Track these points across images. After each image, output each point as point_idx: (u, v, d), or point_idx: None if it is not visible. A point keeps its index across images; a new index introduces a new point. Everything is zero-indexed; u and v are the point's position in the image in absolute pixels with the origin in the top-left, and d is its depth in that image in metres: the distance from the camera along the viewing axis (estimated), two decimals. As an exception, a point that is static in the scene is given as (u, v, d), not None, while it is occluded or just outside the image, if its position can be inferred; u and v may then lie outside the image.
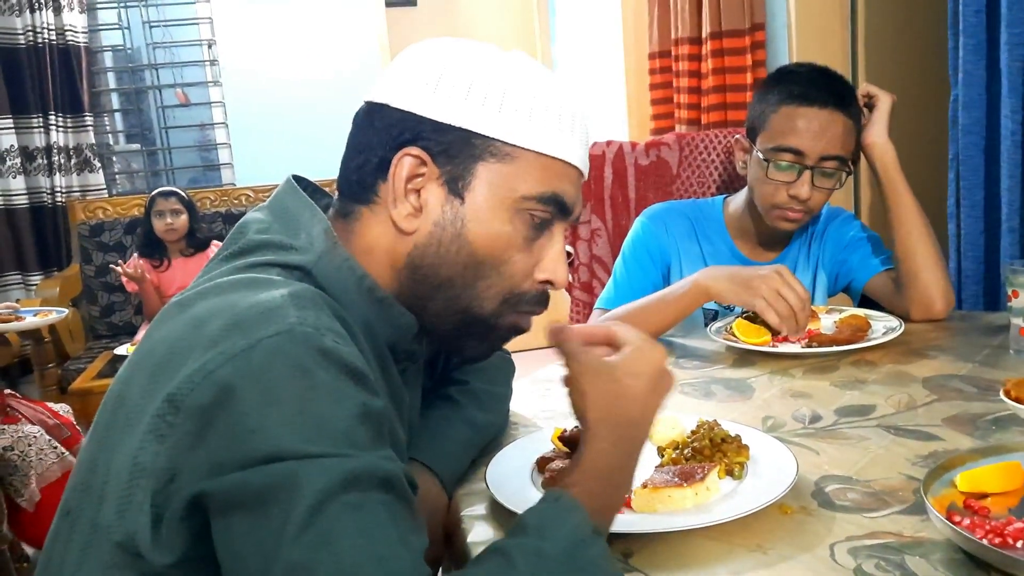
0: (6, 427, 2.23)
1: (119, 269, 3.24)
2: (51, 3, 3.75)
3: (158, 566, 0.65)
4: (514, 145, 0.79)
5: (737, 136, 1.62)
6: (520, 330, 0.86)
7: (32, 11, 3.72)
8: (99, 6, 4.04)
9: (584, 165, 0.84)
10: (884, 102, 1.51)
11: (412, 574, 0.60)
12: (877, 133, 1.51)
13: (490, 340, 0.86)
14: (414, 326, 0.83)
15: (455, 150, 0.78)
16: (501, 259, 0.81)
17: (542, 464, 0.93)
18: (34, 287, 3.73)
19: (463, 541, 0.85)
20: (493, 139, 0.78)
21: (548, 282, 0.84)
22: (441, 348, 0.94)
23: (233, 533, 0.61)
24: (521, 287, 0.83)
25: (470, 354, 0.89)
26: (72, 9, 3.80)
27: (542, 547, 0.64)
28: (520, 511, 0.82)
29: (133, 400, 0.68)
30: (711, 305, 1.57)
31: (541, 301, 0.85)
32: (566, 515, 0.66)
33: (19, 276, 3.81)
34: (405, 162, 0.79)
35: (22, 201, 3.79)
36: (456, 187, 0.79)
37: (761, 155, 1.50)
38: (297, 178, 0.85)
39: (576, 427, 0.95)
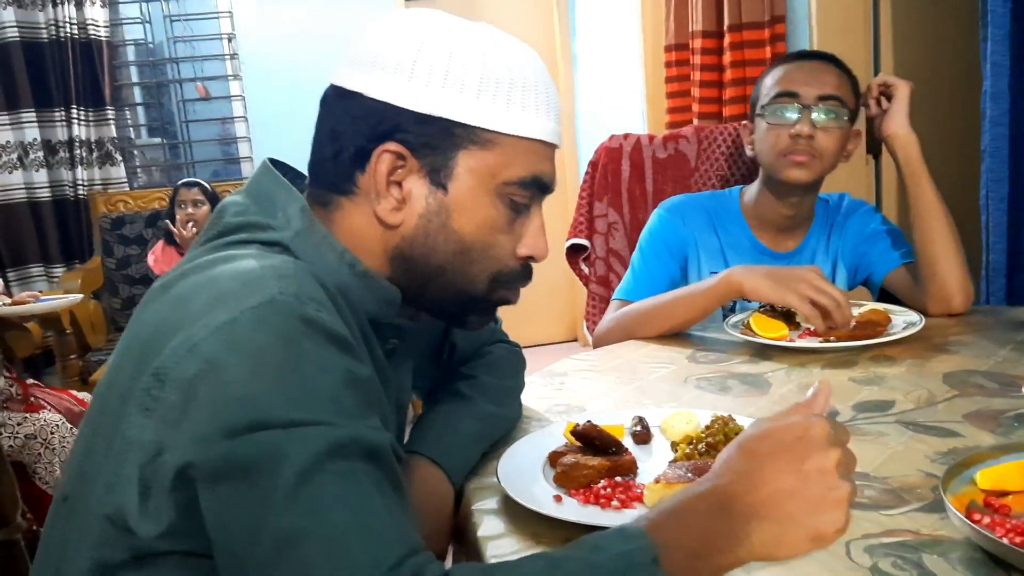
0: (28, 415, 2.26)
1: (175, 228, 3.27)
2: (73, -2, 3.77)
3: (146, 538, 0.65)
4: (494, 131, 0.78)
5: (744, 122, 1.62)
6: (510, 303, 0.88)
7: (54, 5, 3.74)
8: (121, 0, 4.06)
9: (559, 138, 0.84)
10: (902, 90, 1.49)
11: (399, 543, 0.60)
12: (898, 123, 1.49)
13: (487, 313, 0.89)
14: (397, 298, 0.83)
15: (436, 141, 0.78)
16: (488, 243, 0.82)
17: (554, 459, 0.92)
18: (56, 279, 3.76)
19: (474, 535, 0.84)
20: (473, 127, 0.78)
21: (530, 257, 0.85)
22: (441, 320, 0.95)
23: (221, 503, 0.61)
24: (508, 266, 0.84)
25: (472, 327, 0.91)
26: (94, 3, 3.83)
27: (592, 559, 0.61)
28: (531, 505, 0.82)
29: (123, 383, 0.69)
30: None
31: (526, 275, 0.87)
32: (627, 539, 0.62)
33: (42, 268, 3.85)
34: (385, 158, 0.78)
35: (45, 194, 3.82)
36: (438, 177, 0.79)
37: (762, 111, 1.53)
38: (274, 161, 0.85)
39: (590, 421, 0.94)
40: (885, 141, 1.51)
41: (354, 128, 0.79)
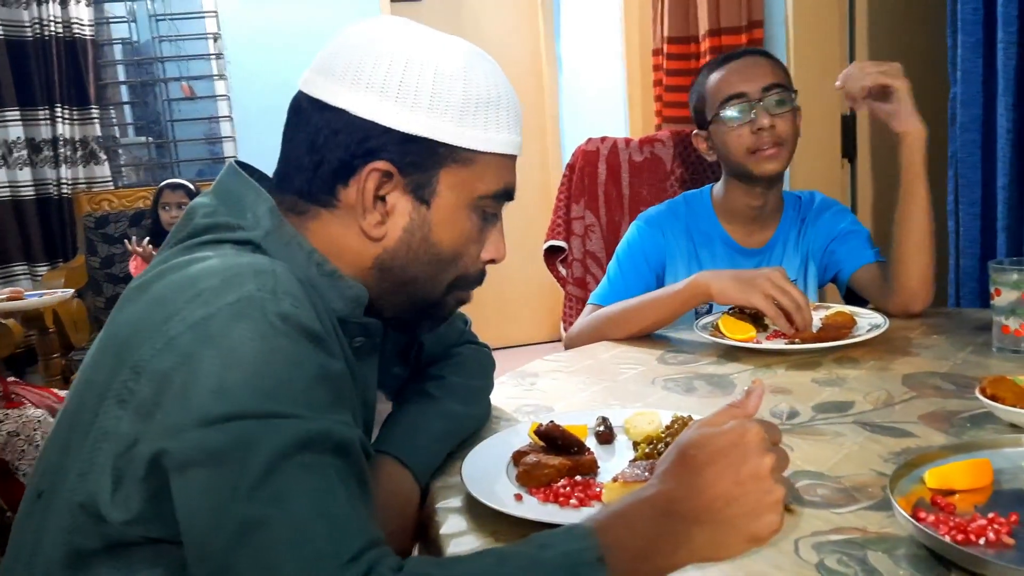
0: (10, 412, 2.27)
1: (131, 246, 3.25)
2: (58, -4, 3.77)
3: (116, 524, 0.68)
4: (474, 150, 0.82)
5: (694, 132, 1.65)
6: (463, 303, 0.92)
7: (39, 4, 3.75)
8: (106, -1, 4.06)
9: (521, 149, 0.88)
10: (903, 88, 1.44)
11: (359, 535, 0.62)
12: (911, 122, 1.44)
13: (439, 317, 0.92)
14: (364, 296, 0.85)
15: (420, 160, 0.81)
16: (461, 253, 0.86)
17: (517, 458, 0.94)
18: (40, 278, 3.76)
19: (436, 532, 0.86)
20: (456, 147, 0.81)
21: (492, 260, 0.89)
22: (392, 329, 0.98)
23: (190, 490, 0.63)
24: (470, 271, 0.88)
25: (422, 332, 0.95)
26: (79, 2, 3.83)
27: (539, 556, 0.63)
28: (491, 504, 0.84)
29: (101, 380, 0.70)
30: None
31: (482, 278, 0.91)
32: (575, 539, 0.64)
33: (25, 267, 3.85)
34: (374, 176, 0.80)
35: (28, 193, 3.82)
36: (421, 194, 0.82)
37: (714, 119, 1.57)
38: (240, 163, 0.87)
39: (553, 421, 0.97)
40: (898, 140, 1.48)
41: (337, 143, 0.80)
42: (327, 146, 0.81)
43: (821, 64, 1.57)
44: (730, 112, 1.54)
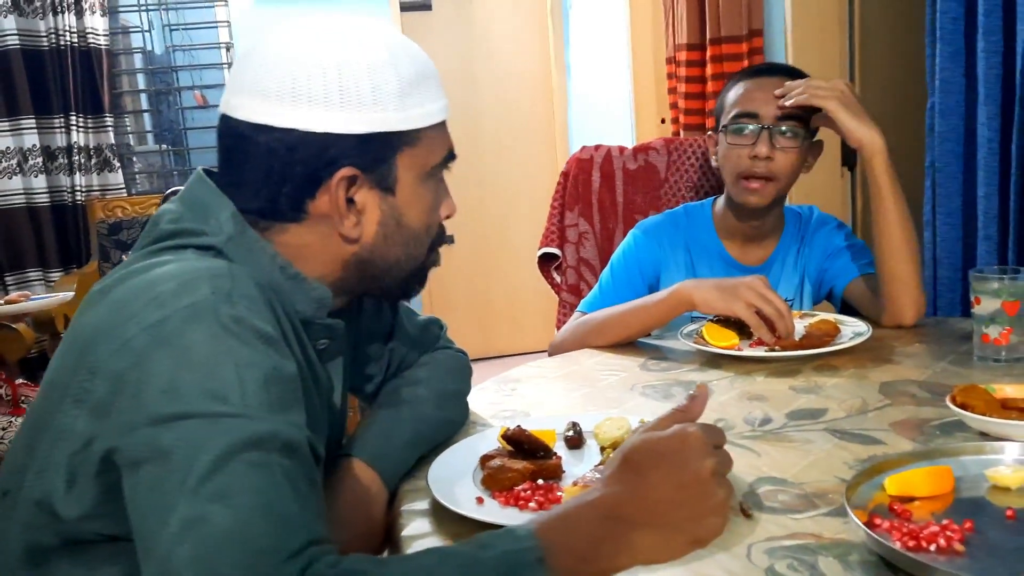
0: (14, 419, 2.30)
1: None
2: (73, 6, 3.83)
3: (69, 520, 0.70)
4: (419, 128, 0.86)
5: (709, 132, 1.64)
6: (438, 263, 0.97)
7: (55, 14, 3.80)
8: (121, 9, 4.12)
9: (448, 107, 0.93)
10: (828, 105, 1.43)
11: (303, 532, 0.63)
12: (859, 134, 1.43)
13: (424, 280, 0.97)
14: (328, 298, 0.88)
15: (379, 154, 0.84)
16: (430, 223, 0.91)
17: (484, 461, 0.95)
18: (53, 284, 3.81)
19: (399, 535, 0.88)
20: (405, 131, 0.84)
21: (448, 216, 0.94)
22: (388, 301, 1.07)
23: (139, 487, 0.65)
24: (438, 232, 0.94)
25: (413, 295, 1.00)
26: (94, 12, 3.88)
27: (480, 555, 0.64)
28: (452, 506, 0.86)
29: (61, 381, 0.73)
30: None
31: (444, 234, 0.96)
32: (516, 539, 0.65)
33: (40, 273, 3.90)
34: (342, 184, 0.83)
35: (43, 200, 3.87)
36: (386, 184, 0.85)
37: (723, 129, 1.55)
38: (207, 171, 0.89)
39: (519, 426, 0.98)
40: (858, 153, 1.48)
41: (296, 160, 0.82)
42: (286, 166, 0.82)
43: (820, 73, 1.56)
44: (736, 128, 1.52)
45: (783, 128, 1.50)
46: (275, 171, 0.83)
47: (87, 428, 0.69)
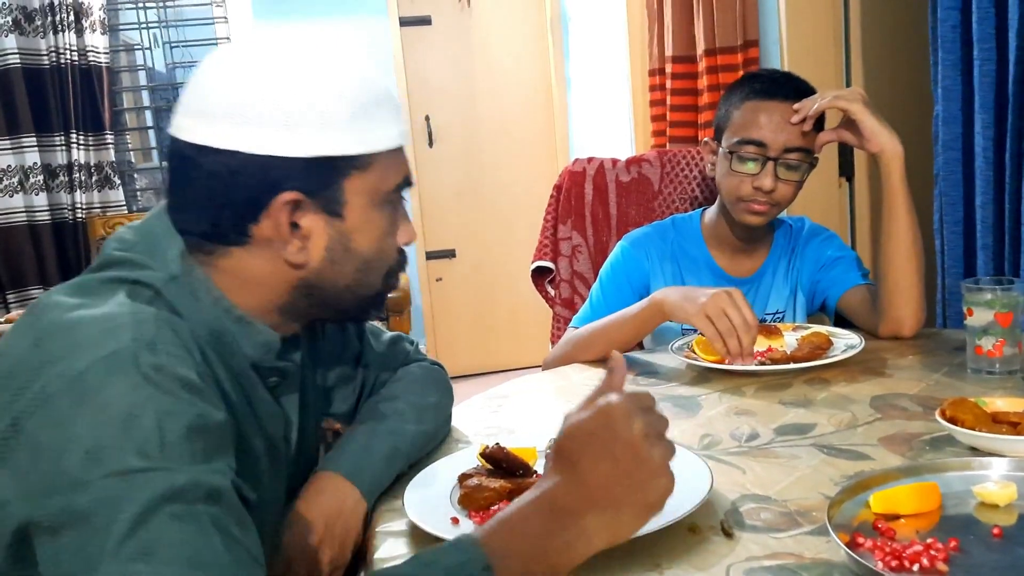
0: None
1: None
2: (74, 25, 3.85)
3: None
4: (370, 153, 0.83)
5: (705, 139, 1.62)
6: (395, 287, 0.95)
7: (56, 32, 3.82)
8: (121, 27, 4.14)
9: (406, 135, 0.90)
10: (855, 110, 1.42)
11: None
12: (881, 140, 1.41)
13: (381, 304, 0.94)
14: (276, 343, 0.86)
15: (324, 178, 0.81)
16: (383, 250, 0.88)
17: (462, 480, 0.94)
18: (54, 301, 3.82)
19: (371, 556, 0.86)
20: (353, 156, 0.82)
21: (407, 243, 0.92)
22: (345, 323, 1.06)
23: (61, 554, 0.62)
24: (395, 260, 0.90)
25: (367, 320, 0.99)
26: (94, 31, 3.90)
27: (423, 574, 0.64)
28: (426, 527, 0.84)
29: None
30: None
31: (404, 261, 0.94)
32: (460, 551, 0.65)
33: (41, 290, 3.90)
34: (285, 208, 0.80)
35: (44, 217, 3.88)
36: (334, 209, 0.82)
37: (726, 150, 1.51)
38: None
39: (498, 443, 0.96)
40: (877, 160, 1.45)
41: (238, 183, 0.79)
42: (229, 188, 0.79)
43: (815, 83, 1.54)
44: (741, 157, 1.48)
45: (789, 160, 1.47)
46: (217, 194, 0.80)
47: (4, 489, 0.65)
